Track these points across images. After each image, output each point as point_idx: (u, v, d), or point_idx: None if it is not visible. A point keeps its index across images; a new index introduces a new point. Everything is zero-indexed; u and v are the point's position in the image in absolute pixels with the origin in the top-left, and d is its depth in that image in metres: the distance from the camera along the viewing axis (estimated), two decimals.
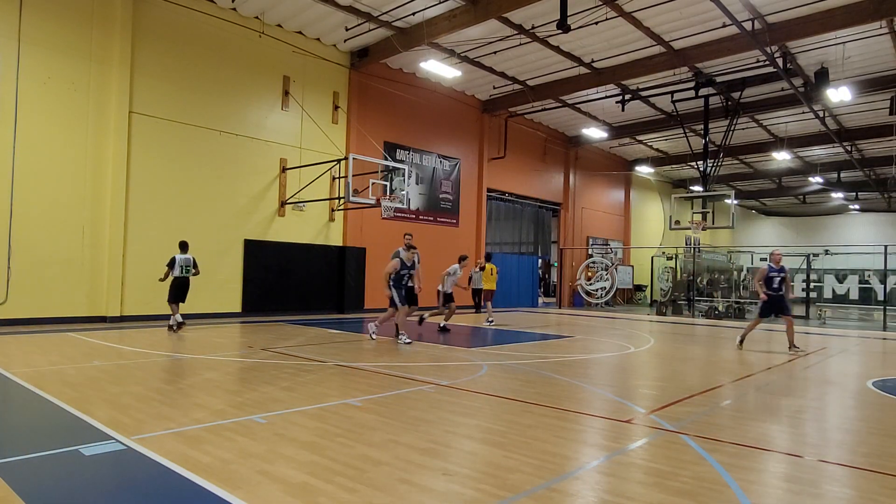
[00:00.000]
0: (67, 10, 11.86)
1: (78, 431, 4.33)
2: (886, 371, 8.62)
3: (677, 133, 23.00)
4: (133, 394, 5.56)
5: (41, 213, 11.47)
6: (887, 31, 14.28)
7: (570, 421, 5.02)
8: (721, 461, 3.96)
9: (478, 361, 8.24)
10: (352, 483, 3.39)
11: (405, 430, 4.56)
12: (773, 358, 9.49)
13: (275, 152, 15.27)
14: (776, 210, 40.68)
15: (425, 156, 19.27)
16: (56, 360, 7.31)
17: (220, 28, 14.08)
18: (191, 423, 4.57)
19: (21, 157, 11.28)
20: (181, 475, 3.45)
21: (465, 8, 13.72)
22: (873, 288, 21.94)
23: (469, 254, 20.45)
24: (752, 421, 5.22)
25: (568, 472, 3.73)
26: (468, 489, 3.35)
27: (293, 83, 15.62)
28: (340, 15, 14.54)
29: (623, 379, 7.47)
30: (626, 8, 13.81)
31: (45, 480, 3.39)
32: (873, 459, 4.16)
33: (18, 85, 11.27)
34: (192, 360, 7.68)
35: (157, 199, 13.08)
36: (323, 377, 6.73)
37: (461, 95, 20.33)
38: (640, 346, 10.91)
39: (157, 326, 11.73)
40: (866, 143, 24.33)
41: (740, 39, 14.40)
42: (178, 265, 11.14)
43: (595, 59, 17.01)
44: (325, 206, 16.47)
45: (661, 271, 26.39)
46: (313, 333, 11.44)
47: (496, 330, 13.54)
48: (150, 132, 12.95)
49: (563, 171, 25.73)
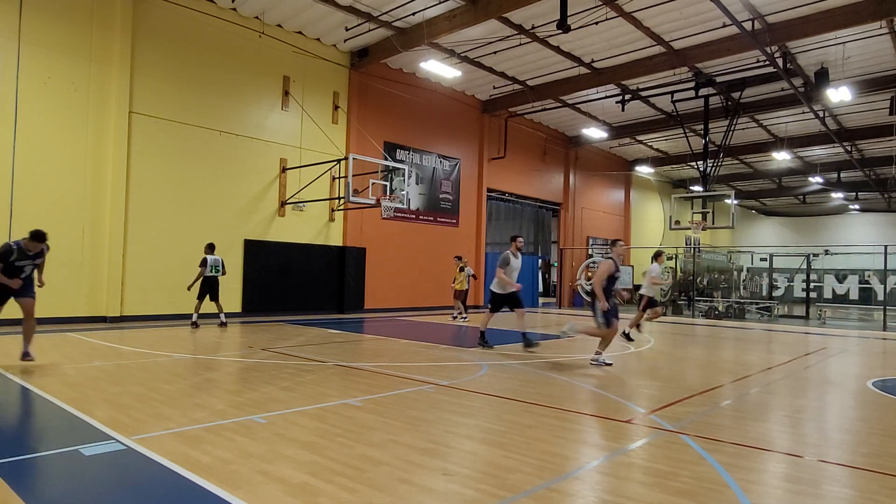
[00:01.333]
0: (67, 10, 11.86)
1: (78, 431, 4.33)
2: (886, 371, 8.62)
3: (677, 133, 23.00)
4: (133, 394, 5.56)
5: (41, 213, 11.45)
6: (887, 31, 14.28)
7: (570, 421, 5.02)
8: (721, 461, 3.96)
9: (478, 361, 8.24)
10: (352, 483, 3.39)
11: (405, 430, 4.56)
12: (772, 358, 9.49)
13: (275, 152, 15.27)
14: (776, 210, 40.67)
15: (425, 156, 19.27)
16: (56, 360, 7.31)
17: (220, 28, 14.08)
18: (191, 423, 4.57)
19: (21, 157, 11.28)
20: (181, 475, 3.45)
21: (465, 8, 13.72)
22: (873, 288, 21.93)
23: (469, 254, 20.50)
24: (752, 421, 5.22)
25: (568, 472, 3.73)
26: (468, 489, 3.35)
27: (293, 83, 15.62)
28: (340, 15, 14.54)
29: (623, 379, 7.47)
30: (626, 8, 13.81)
31: (45, 480, 3.40)
32: (873, 459, 4.16)
33: (18, 85, 11.27)
34: (193, 360, 7.68)
35: (157, 199, 13.08)
36: (323, 377, 6.73)
37: (461, 95, 20.33)
38: (640, 346, 10.91)
39: (157, 326, 11.73)
40: (866, 143, 24.32)
41: (740, 39, 14.40)
42: (210, 265, 11.72)
43: (595, 59, 17.00)
44: (325, 206, 16.47)
45: (661, 271, 26.37)
46: (313, 333, 11.44)
47: (496, 330, 13.53)
48: (150, 132, 12.94)
49: (563, 171, 25.73)
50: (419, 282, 18.93)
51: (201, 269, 11.74)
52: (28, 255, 6.96)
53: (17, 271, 6.93)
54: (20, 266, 6.92)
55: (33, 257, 7.03)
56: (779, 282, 23.36)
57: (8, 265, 6.84)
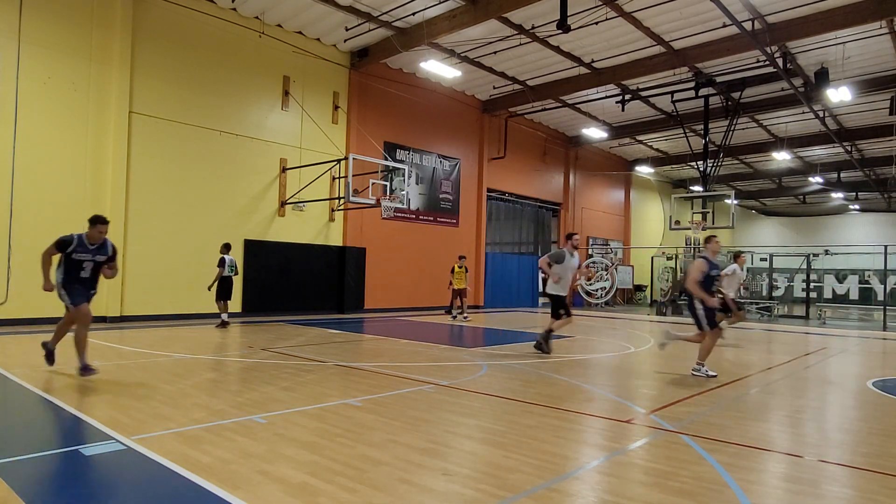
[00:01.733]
0: (67, 10, 11.86)
1: (78, 431, 4.33)
2: (886, 371, 8.62)
3: (677, 133, 23.00)
4: (133, 394, 5.55)
5: (41, 213, 11.46)
6: (887, 31, 14.28)
7: (570, 421, 5.02)
8: (721, 461, 3.96)
9: (478, 361, 8.24)
10: (352, 483, 3.39)
11: (405, 430, 4.56)
12: (772, 358, 9.49)
13: (275, 152, 15.27)
14: (776, 210, 40.67)
15: (425, 156, 19.27)
16: (56, 360, 7.30)
17: (220, 28, 14.08)
18: (191, 423, 4.57)
19: (21, 157, 11.28)
20: (181, 475, 3.45)
21: (465, 8, 13.72)
22: (873, 288, 21.96)
23: (469, 254, 20.51)
24: (752, 421, 5.22)
25: (568, 472, 3.73)
26: (468, 489, 3.35)
27: (293, 83, 15.62)
28: (340, 15, 14.54)
29: (623, 379, 7.47)
30: (626, 8, 13.81)
31: (45, 480, 3.39)
32: (873, 459, 4.16)
33: (18, 85, 11.27)
34: (193, 360, 7.68)
35: (157, 199, 13.08)
36: (323, 377, 6.73)
37: (461, 95, 20.33)
38: (640, 346, 10.91)
39: (157, 326, 11.73)
40: (866, 143, 24.32)
41: (740, 39, 14.40)
42: (228, 265, 11.90)
43: (595, 59, 17.01)
44: (325, 206, 16.46)
45: (661, 271, 26.40)
46: (313, 333, 11.44)
47: (496, 330, 13.55)
48: (150, 132, 12.94)
49: (563, 171, 25.73)
50: (419, 282, 18.93)
51: (220, 269, 11.84)
52: (88, 248, 6.16)
53: (77, 267, 6.12)
54: (78, 260, 6.12)
55: (94, 251, 6.20)
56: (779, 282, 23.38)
57: (67, 258, 6.08)
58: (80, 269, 6.18)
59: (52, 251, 6.16)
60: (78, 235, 6.16)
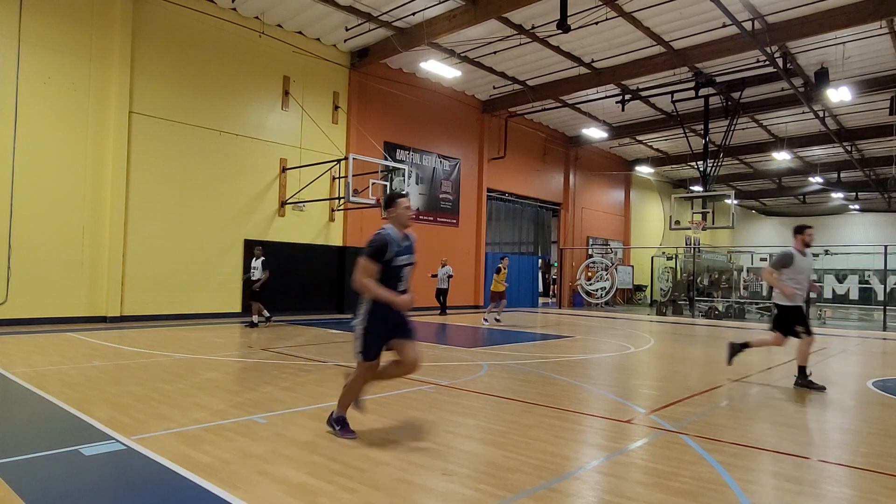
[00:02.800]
0: (67, 10, 11.85)
1: (78, 431, 4.33)
2: (886, 371, 8.62)
3: (677, 133, 23.00)
4: (133, 394, 5.55)
5: (41, 213, 11.46)
6: (887, 31, 14.27)
7: (570, 421, 5.02)
8: (721, 461, 3.96)
9: (478, 361, 8.24)
10: (352, 483, 3.39)
11: (405, 430, 4.56)
12: (772, 358, 9.49)
13: (275, 152, 15.27)
14: (776, 210, 40.65)
15: (425, 156, 19.27)
16: (56, 360, 7.30)
17: (220, 28, 14.08)
18: (191, 423, 4.57)
19: (21, 157, 11.28)
20: (181, 475, 3.45)
21: (465, 8, 13.72)
22: (873, 288, 21.95)
23: (469, 254, 20.51)
24: (752, 421, 5.22)
25: (568, 472, 3.73)
26: (468, 489, 3.35)
27: (293, 83, 15.62)
28: (340, 15, 14.54)
29: (623, 379, 7.47)
30: (626, 8, 13.81)
31: (45, 480, 3.39)
32: (873, 459, 4.16)
33: (18, 85, 11.27)
34: (193, 360, 7.68)
35: (157, 199, 13.08)
36: (323, 377, 6.73)
37: (461, 95, 20.32)
38: (640, 346, 10.91)
39: (157, 326, 11.73)
40: (866, 143, 24.31)
41: (740, 39, 14.40)
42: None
43: (595, 59, 17.00)
44: (325, 207, 16.46)
45: (661, 271, 26.40)
46: (313, 333, 11.44)
47: (496, 330, 13.54)
48: (150, 132, 12.94)
49: (563, 171, 25.73)
50: (419, 282, 18.90)
51: (266, 271, 12.22)
52: (403, 245, 4.30)
53: (397, 276, 4.26)
54: (399, 266, 4.25)
55: (409, 248, 4.35)
56: None
57: (385, 266, 4.19)
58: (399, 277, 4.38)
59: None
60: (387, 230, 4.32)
